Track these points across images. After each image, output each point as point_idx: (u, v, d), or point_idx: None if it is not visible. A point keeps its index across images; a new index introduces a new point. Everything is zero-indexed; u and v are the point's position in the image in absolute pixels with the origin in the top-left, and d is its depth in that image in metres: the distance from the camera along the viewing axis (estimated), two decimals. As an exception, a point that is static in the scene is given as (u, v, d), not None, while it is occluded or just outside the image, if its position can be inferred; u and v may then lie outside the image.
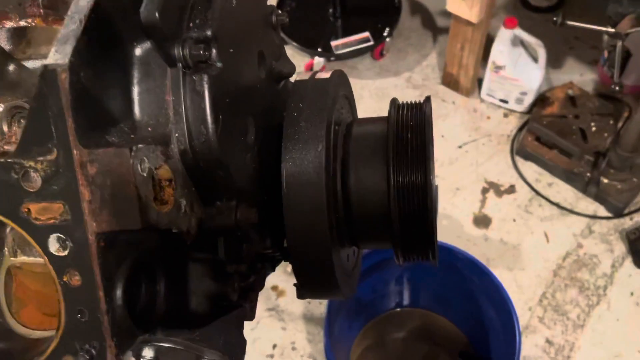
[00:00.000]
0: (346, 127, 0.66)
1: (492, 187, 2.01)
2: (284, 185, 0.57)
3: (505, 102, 2.16)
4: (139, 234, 0.46)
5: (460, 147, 2.12)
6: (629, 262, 1.80)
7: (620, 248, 1.83)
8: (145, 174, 0.42)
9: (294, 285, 0.77)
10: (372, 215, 0.61)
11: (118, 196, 0.41)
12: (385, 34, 2.27)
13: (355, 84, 1.62)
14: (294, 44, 2.27)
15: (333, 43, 2.27)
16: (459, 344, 1.63)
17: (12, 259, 0.56)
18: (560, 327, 1.70)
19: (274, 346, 1.78)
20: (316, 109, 0.60)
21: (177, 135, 0.46)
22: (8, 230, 0.56)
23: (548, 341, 1.67)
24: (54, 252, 0.42)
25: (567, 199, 1.95)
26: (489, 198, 1.98)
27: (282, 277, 1.90)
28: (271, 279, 1.91)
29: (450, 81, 2.24)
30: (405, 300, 1.65)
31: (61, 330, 0.44)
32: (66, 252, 0.42)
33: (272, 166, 0.59)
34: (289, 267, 0.65)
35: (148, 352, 0.53)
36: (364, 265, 1.41)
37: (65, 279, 0.43)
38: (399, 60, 2.34)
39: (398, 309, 1.68)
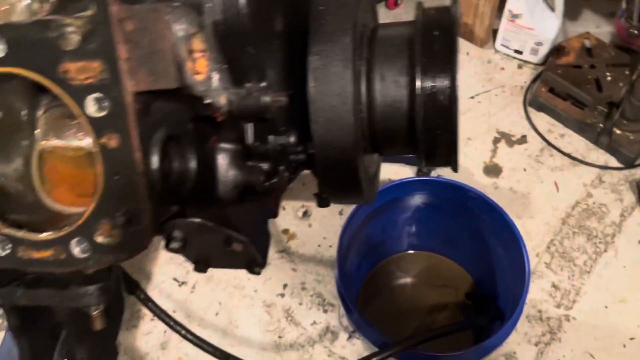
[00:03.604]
0: (371, 31, 0.66)
1: (504, 137, 2.00)
2: (310, 78, 0.58)
3: (520, 52, 2.13)
4: (174, 102, 0.47)
5: (472, 97, 2.10)
6: (638, 212, 1.81)
7: (630, 198, 1.84)
8: (181, 35, 0.43)
9: (315, 195, 0.78)
10: (396, 117, 0.61)
11: (155, 54, 0.41)
12: (399, -19, 2.22)
13: (370, 25, 1.60)
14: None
15: (346, -10, 2.23)
16: (466, 285, 1.65)
17: (43, 142, 0.57)
18: (567, 273, 1.72)
19: (285, 285, 1.82)
20: (342, 4, 0.59)
21: (209, 5, 0.46)
22: (40, 112, 0.57)
23: (554, 285, 1.70)
24: (91, 114, 0.43)
25: (579, 150, 1.95)
26: (500, 148, 1.98)
27: (293, 222, 1.92)
28: (282, 223, 1.93)
29: (464, 31, 2.20)
30: (413, 243, 1.67)
31: (99, 194, 0.45)
32: (104, 113, 0.43)
33: (298, 62, 0.59)
34: (300, 212, 0.66)
35: (178, 234, 0.55)
36: (375, 204, 1.42)
37: (103, 141, 0.44)
38: (413, 9, 2.30)
39: (405, 252, 1.70)
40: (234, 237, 0.55)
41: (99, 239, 0.46)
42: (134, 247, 0.46)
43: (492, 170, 1.93)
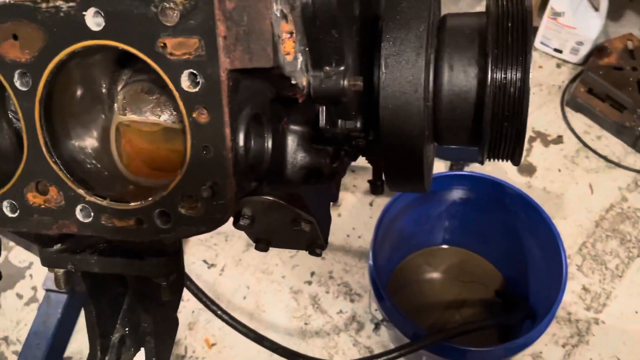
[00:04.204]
0: (439, 20, 0.66)
1: (539, 137, 1.98)
2: (382, 64, 0.58)
3: (560, 51, 2.11)
4: (260, 82, 0.48)
5: (508, 95, 2.09)
6: (673, 219, 1.79)
7: (667, 204, 1.81)
8: (278, 14, 0.43)
9: (369, 182, 0.79)
10: (462, 107, 0.61)
11: (253, 33, 0.42)
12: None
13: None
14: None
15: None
16: (495, 282, 1.65)
17: (121, 116, 0.59)
18: (598, 276, 1.70)
19: (312, 273, 1.83)
20: None
21: None
22: (120, 87, 0.59)
23: (584, 288, 1.68)
24: (185, 88, 0.44)
25: (615, 153, 1.92)
26: (535, 147, 1.96)
27: (322, 210, 1.94)
28: (312, 211, 1.95)
29: (503, 28, 2.18)
30: (445, 237, 1.67)
31: (185, 166, 0.47)
32: (197, 89, 0.44)
33: (370, 48, 0.59)
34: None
35: (247, 211, 0.56)
36: (410, 197, 1.42)
37: (194, 115, 0.45)
38: (451, 4, 2.29)
39: (436, 246, 1.70)
40: (303, 217, 0.56)
41: (182, 210, 0.48)
42: (215, 220, 0.47)
43: (527, 169, 1.92)
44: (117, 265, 0.56)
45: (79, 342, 1.72)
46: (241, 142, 0.47)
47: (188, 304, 1.77)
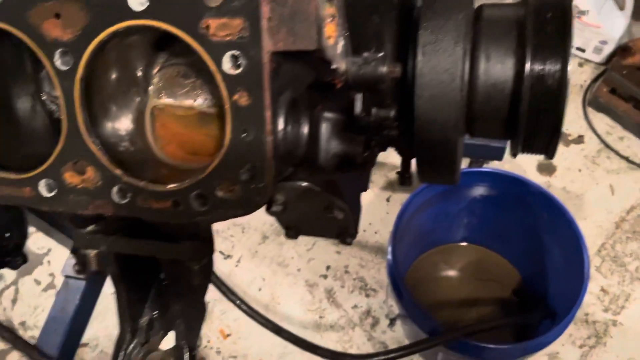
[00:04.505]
0: (475, 10, 0.65)
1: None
2: (419, 52, 0.57)
3: (582, 50, 2.08)
4: (300, 66, 0.48)
5: (529, 93, 2.06)
6: (696, 222, 1.76)
7: (689, 207, 1.79)
8: (323, -4, 0.43)
9: (397, 173, 0.78)
10: (498, 98, 0.60)
11: (298, 14, 0.42)
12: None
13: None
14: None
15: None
16: (513, 281, 1.64)
17: (155, 100, 0.59)
18: (617, 278, 1.68)
19: (328, 267, 1.83)
20: None
21: None
22: (155, 70, 0.59)
23: (603, 289, 1.67)
24: (227, 71, 0.44)
25: (638, 154, 1.89)
26: (555, 146, 1.94)
27: (338, 205, 1.94)
28: (328, 205, 1.94)
29: (525, 25, 2.16)
30: (463, 235, 1.66)
31: (225, 149, 0.47)
32: (239, 71, 0.44)
33: (406, 37, 0.59)
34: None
35: (280, 197, 0.56)
36: (430, 193, 1.41)
37: (235, 98, 0.45)
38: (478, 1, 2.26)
39: (454, 244, 1.69)
40: (337, 205, 0.55)
41: (220, 193, 0.47)
42: (252, 204, 0.47)
43: (546, 168, 1.90)
44: (150, 248, 0.56)
45: (95, 328, 1.74)
46: (281, 125, 0.46)
47: (203, 294, 1.79)
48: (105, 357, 1.81)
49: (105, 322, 1.78)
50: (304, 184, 0.53)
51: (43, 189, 0.52)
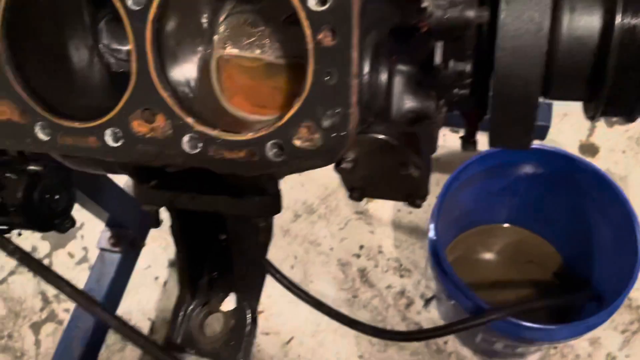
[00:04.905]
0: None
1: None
2: (502, 0, 0.53)
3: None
4: (386, 6, 0.45)
5: (570, 72, 2.00)
6: None
7: None
8: None
9: (461, 138, 0.74)
10: (582, 53, 0.56)
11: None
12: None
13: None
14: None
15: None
16: (553, 264, 1.59)
17: (220, 50, 0.56)
18: (663, 263, 1.63)
19: (361, 247, 1.81)
20: None
21: None
22: (221, 18, 0.56)
23: (648, 274, 1.61)
24: (312, 7, 0.41)
25: (685, 136, 1.82)
26: (599, 127, 1.88)
27: (372, 184, 1.91)
28: (362, 184, 1.91)
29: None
30: (504, 215, 1.62)
31: (305, 94, 0.44)
32: (325, 7, 0.41)
33: None
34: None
35: (351, 153, 0.53)
36: (472, 172, 1.37)
37: (319, 37, 0.42)
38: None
39: (493, 224, 1.65)
40: (414, 161, 0.52)
41: (298, 142, 0.45)
42: (332, 153, 0.44)
43: (588, 149, 1.84)
44: (216, 204, 0.54)
45: (129, 302, 1.75)
46: (366, 69, 0.44)
47: (235, 271, 1.78)
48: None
49: (137, 296, 1.79)
50: (381, 136, 0.50)
51: (109, 138, 0.50)
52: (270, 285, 1.26)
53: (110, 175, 1.50)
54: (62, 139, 0.52)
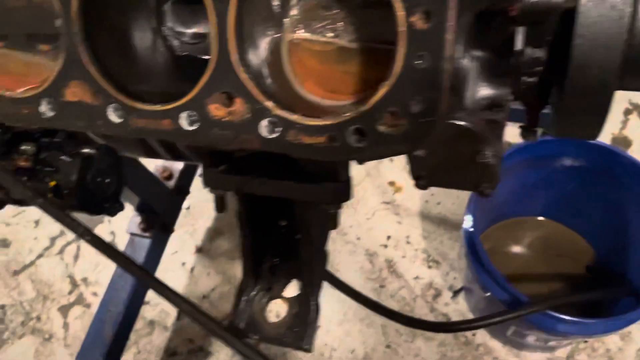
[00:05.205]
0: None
1: (636, 109, 1.86)
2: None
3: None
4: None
5: (603, 64, 1.96)
6: None
7: None
8: None
9: (521, 127, 0.73)
10: None
11: None
12: None
13: None
14: None
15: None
16: (585, 257, 1.58)
17: (291, 34, 0.55)
18: (697, 259, 1.60)
19: (388, 237, 1.80)
20: None
21: None
22: (294, 0, 0.55)
23: (682, 270, 1.59)
24: (405, -11, 0.40)
25: None
26: (632, 120, 1.85)
27: (400, 174, 1.89)
28: (389, 174, 1.90)
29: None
30: (537, 208, 1.60)
31: (394, 78, 0.43)
32: (420, -12, 0.40)
33: None
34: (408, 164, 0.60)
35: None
36: (508, 163, 1.36)
37: (412, 20, 0.41)
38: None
39: (526, 217, 1.64)
40: (495, 149, 0.51)
41: (382, 127, 0.44)
42: (417, 139, 0.43)
43: (621, 142, 1.81)
44: (287, 189, 0.53)
45: (157, 288, 1.75)
46: (461, 52, 0.42)
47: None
48: (166, 316, 1.83)
49: (165, 281, 1.79)
50: (462, 123, 0.49)
51: (184, 121, 0.50)
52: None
53: (142, 160, 1.50)
54: (134, 121, 0.51)
